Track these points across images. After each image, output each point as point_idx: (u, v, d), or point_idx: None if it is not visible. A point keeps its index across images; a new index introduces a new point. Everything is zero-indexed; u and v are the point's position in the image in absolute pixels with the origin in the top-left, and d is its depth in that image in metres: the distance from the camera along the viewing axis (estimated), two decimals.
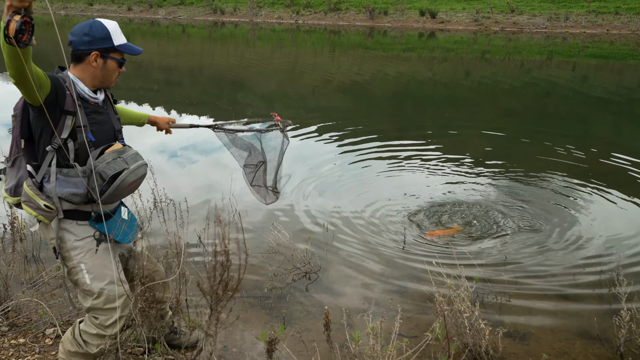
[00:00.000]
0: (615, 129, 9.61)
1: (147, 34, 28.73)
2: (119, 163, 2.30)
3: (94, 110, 2.39)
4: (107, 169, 2.27)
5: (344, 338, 2.80)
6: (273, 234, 4.51)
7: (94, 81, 2.37)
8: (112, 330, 2.46)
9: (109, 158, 2.30)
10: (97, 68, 2.33)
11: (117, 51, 2.38)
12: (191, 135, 8.62)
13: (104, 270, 2.42)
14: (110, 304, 2.43)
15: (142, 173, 2.43)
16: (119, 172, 2.28)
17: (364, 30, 26.74)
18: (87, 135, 2.29)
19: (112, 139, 2.46)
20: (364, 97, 12.76)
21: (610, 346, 3.30)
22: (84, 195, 2.29)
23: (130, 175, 2.32)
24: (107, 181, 2.26)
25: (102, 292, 2.41)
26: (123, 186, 2.31)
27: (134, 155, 2.40)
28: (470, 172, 6.69)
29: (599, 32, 23.04)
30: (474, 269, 4.22)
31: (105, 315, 2.44)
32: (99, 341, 2.46)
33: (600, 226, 5.10)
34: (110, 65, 2.37)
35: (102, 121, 2.41)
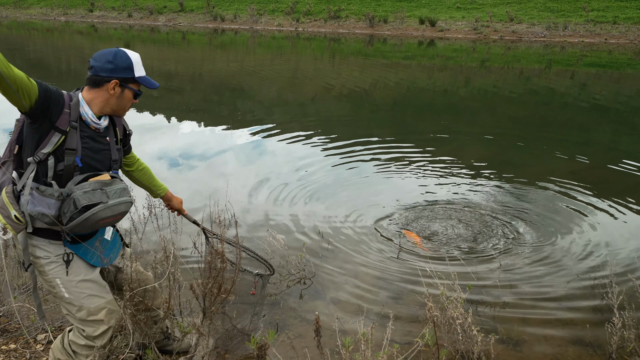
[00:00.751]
0: (614, 137, 9.62)
1: (147, 40, 28.84)
2: (97, 195, 2.24)
3: (91, 135, 2.35)
4: (81, 198, 2.20)
5: (335, 345, 2.80)
6: (268, 240, 4.52)
7: (105, 108, 2.37)
8: (100, 342, 2.43)
9: (88, 187, 2.24)
10: (114, 96, 2.35)
11: (135, 82, 2.40)
12: (188, 142, 8.64)
13: (81, 284, 2.38)
14: (93, 317, 2.39)
15: (122, 210, 2.37)
16: (94, 204, 2.23)
17: (363, 38, 26.83)
18: (75, 159, 2.25)
19: (105, 168, 2.42)
20: (364, 104, 12.79)
21: (603, 353, 3.29)
22: (52, 218, 2.21)
23: (105, 211, 2.26)
24: (78, 210, 2.19)
25: (82, 305, 2.38)
26: (94, 219, 2.23)
27: (119, 190, 2.35)
28: (468, 179, 6.70)
29: (597, 41, 23.12)
30: (468, 275, 4.22)
31: (91, 327, 2.41)
32: (88, 352, 2.44)
33: (595, 234, 5.10)
34: (127, 95, 2.39)
35: (97, 148, 2.37)
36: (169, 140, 8.74)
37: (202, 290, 2.68)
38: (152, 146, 8.28)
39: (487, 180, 6.68)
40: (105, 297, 2.44)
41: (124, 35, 30.84)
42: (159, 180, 3.02)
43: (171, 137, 9.02)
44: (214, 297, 2.65)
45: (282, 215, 5.57)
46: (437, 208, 5.72)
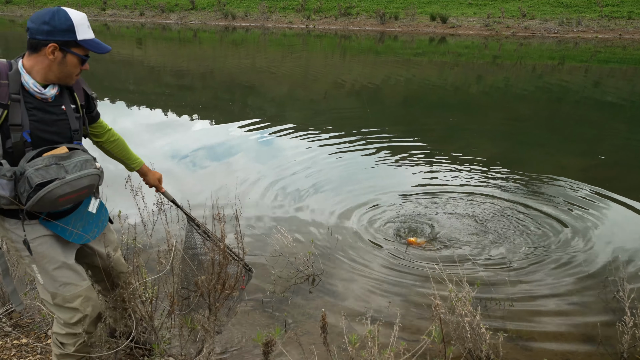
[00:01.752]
0: (627, 134, 9.51)
1: (159, 38, 28.98)
2: (52, 170, 2.06)
3: (39, 106, 2.16)
4: (34, 175, 2.02)
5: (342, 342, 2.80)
6: (276, 237, 4.52)
7: (49, 75, 2.15)
8: (80, 329, 2.38)
9: (41, 163, 2.04)
10: (54, 62, 2.12)
11: (80, 46, 2.15)
12: (199, 139, 8.67)
13: (57, 272, 2.30)
14: (69, 304, 2.33)
15: (85, 184, 2.18)
16: (48, 181, 2.04)
17: (374, 35, 26.74)
18: (22, 134, 2.07)
19: (65, 140, 2.23)
20: (375, 101, 12.74)
21: (614, 352, 3.25)
22: (9, 199, 2.06)
23: (63, 187, 2.07)
24: (33, 188, 2.01)
25: (56, 293, 2.30)
26: (50, 197, 2.06)
27: (79, 163, 2.16)
28: (478, 176, 6.65)
29: (612, 37, 22.84)
30: (477, 273, 4.20)
31: (67, 314, 2.35)
32: (73, 340, 2.40)
33: (607, 232, 5.04)
34: (70, 61, 2.15)
35: (49, 120, 2.18)
36: (180, 137, 8.78)
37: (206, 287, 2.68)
38: (164, 143, 8.32)
39: (497, 177, 6.63)
40: (81, 284, 2.36)
41: (136, 34, 31.02)
42: (135, 153, 2.80)
43: (182, 134, 9.06)
44: (219, 293, 2.65)
45: (291, 211, 5.57)
46: (447, 205, 5.69)
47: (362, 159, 7.55)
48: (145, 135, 8.79)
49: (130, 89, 15.00)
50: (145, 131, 9.08)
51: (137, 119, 10.47)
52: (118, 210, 4.38)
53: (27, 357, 3.03)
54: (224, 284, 2.54)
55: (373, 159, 7.50)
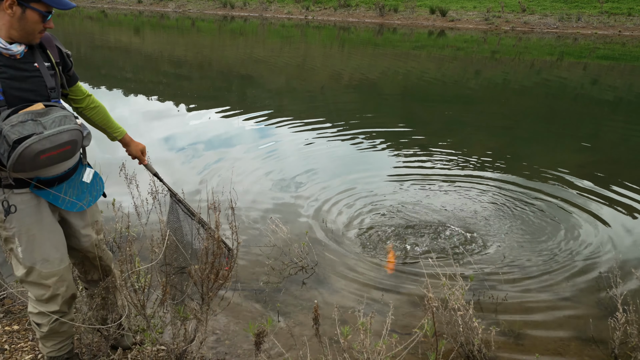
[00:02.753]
0: (625, 131, 9.51)
1: (156, 26, 28.80)
2: (29, 126, 1.99)
3: (8, 63, 2.08)
4: (10, 132, 1.95)
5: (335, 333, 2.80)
6: (271, 227, 4.51)
7: (11, 31, 2.07)
8: (52, 307, 2.35)
9: (16, 120, 1.98)
10: (14, 17, 2.03)
11: (40, 1, 2.06)
12: (196, 129, 8.64)
13: (40, 246, 2.27)
14: (43, 280, 2.29)
15: (65, 140, 2.10)
16: (25, 137, 1.97)
17: (373, 27, 26.65)
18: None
19: (41, 98, 2.17)
20: (373, 94, 12.72)
21: (605, 348, 3.27)
22: None
23: (42, 142, 2.00)
24: (11, 146, 1.95)
25: (33, 267, 2.26)
26: (29, 153, 1.98)
27: (58, 118, 2.09)
28: (474, 170, 6.65)
29: (611, 33, 22.82)
30: (471, 267, 4.20)
31: (38, 290, 2.32)
32: (45, 319, 2.38)
33: (601, 228, 5.05)
34: (30, 17, 2.06)
35: (20, 77, 2.10)
36: (176, 127, 8.74)
37: (199, 276, 2.67)
38: (160, 132, 8.29)
39: (493, 171, 6.62)
40: (60, 265, 2.34)
41: (134, 21, 30.83)
42: (117, 122, 2.73)
43: (179, 124, 9.02)
44: (212, 282, 2.64)
45: (285, 202, 5.57)
46: (442, 199, 5.69)
47: (358, 151, 7.54)
48: (141, 124, 8.75)
49: (127, 77, 14.91)
50: (142, 120, 9.04)
51: (134, 107, 10.42)
52: (112, 198, 4.35)
53: (18, 344, 3.02)
54: (218, 273, 2.53)
55: (369, 151, 7.49)
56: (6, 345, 3.00)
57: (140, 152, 2.85)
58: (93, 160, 2.65)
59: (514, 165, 6.90)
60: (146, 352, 2.95)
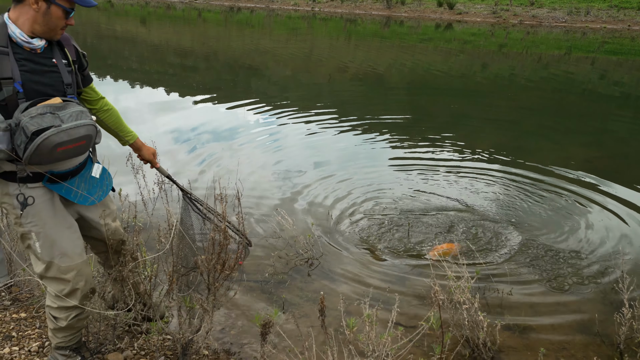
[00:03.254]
0: (633, 125, 9.46)
1: (163, 17, 28.76)
2: (47, 119, 2.02)
3: (29, 57, 2.13)
4: (29, 124, 1.99)
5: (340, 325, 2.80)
6: (277, 219, 4.51)
7: (34, 26, 2.12)
8: (72, 302, 2.37)
9: (35, 112, 2.02)
10: (39, 12, 2.10)
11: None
12: (202, 120, 8.64)
13: (57, 240, 2.28)
14: (62, 275, 2.31)
15: (82, 134, 2.13)
16: (44, 129, 2.01)
17: (380, 20, 26.52)
18: (14, 85, 2.06)
19: (58, 93, 2.21)
20: (379, 87, 12.68)
21: (611, 343, 3.26)
22: (8, 152, 2.04)
23: (59, 135, 2.03)
24: (29, 138, 1.98)
25: (52, 262, 2.28)
26: (47, 145, 2.01)
27: (75, 113, 2.12)
28: (480, 164, 6.63)
29: (620, 28, 22.64)
30: (476, 261, 4.20)
31: (58, 286, 2.34)
32: (65, 313, 2.40)
33: (608, 223, 5.03)
34: (54, 13, 2.12)
35: (40, 70, 2.15)
36: (182, 118, 8.74)
37: (206, 266, 2.68)
38: (166, 123, 8.29)
39: (500, 166, 6.60)
40: (77, 259, 2.35)
41: (140, 12, 30.79)
42: (128, 126, 2.73)
43: (185, 115, 9.01)
44: (218, 273, 2.65)
45: (291, 194, 5.56)
46: (447, 192, 5.67)
47: (364, 143, 7.53)
48: (146, 115, 8.76)
49: (133, 67, 14.91)
50: (147, 110, 9.04)
51: (139, 97, 10.42)
52: (119, 188, 4.37)
53: (25, 331, 3.04)
54: (224, 263, 2.54)
55: (375, 143, 7.47)
56: (14, 333, 3.02)
57: (152, 155, 2.86)
58: (100, 150, 2.65)
59: (519, 159, 6.87)
60: (152, 342, 2.97)
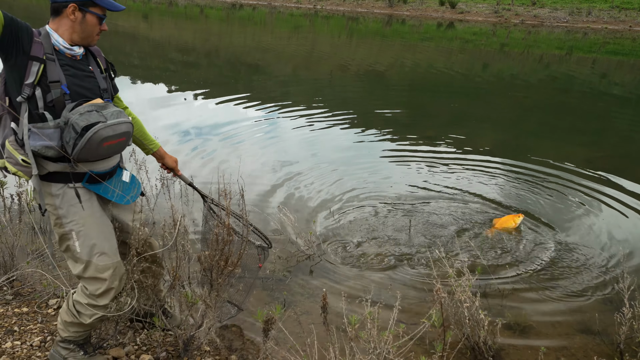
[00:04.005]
0: (632, 126, 9.46)
1: (165, 13, 28.74)
2: (94, 115, 2.20)
3: (71, 63, 2.31)
4: (79, 120, 2.16)
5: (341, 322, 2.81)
6: (279, 216, 4.52)
7: (73, 35, 2.30)
8: (103, 301, 2.43)
9: (83, 110, 2.20)
10: (76, 22, 2.27)
11: (97, 5, 2.30)
12: (203, 117, 8.64)
13: (96, 239, 2.39)
14: (99, 274, 2.39)
15: (123, 130, 2.30)
16: (92, 124, 2.17)
17: (382, 18, 26.50)
18: (61, 87, 2.23)
19: (95, 96, 2.37)
20: (380, 85, 12.68)
21: (611, 342, 3.27)
22: (58, 149, 2.21)
23: (106, 129, 2.20)
24: (79, 133, 2.15)
25: (90, 261, 2.37)
26: (96, 139, 2.18)
27: (115, 112, 2.29)
28: (481, 163, 6.63)
29: (621, 28, 22.63)
30: (477, 260, 4.21)
31: (95, 285, 2.41)
32: (92, 311, 2.46)
33: (609, 223, 5.04)
34: (89, 20, 2.30)
35: (81, 75, 2.34)
36: (183, 115, 8.73)
37: (209, 262, 2.69)
38: (167, 119, 8.28)
39: (500, 165, 6.61)
40: (114, 258, 2.44)
41: (142, 8, 30.75)
42: (151, 136, 2.85)
43: (186, 112, 9.01)
44: (221, 269, 2.66)
45: (292, 191, 5.57)
46: (449, 190, 5.68)
47: (365, 141, 7.53)
48: (148, 111, 8.75)
49: (135, 63, 14.90)
50: (148, 106, 9.02)
51: (141, 93, 10.42)
52: None
53: (27, 326, 3.05)
54: (227, 260, 2.54)
55: (375, 142, 7.48)
56: (15, 327, 3.03)
57: (174, 163, 2.97)
58: None
59: (520, 159, 6.87)
60: (154, 337, 2.98)
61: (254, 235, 3.24)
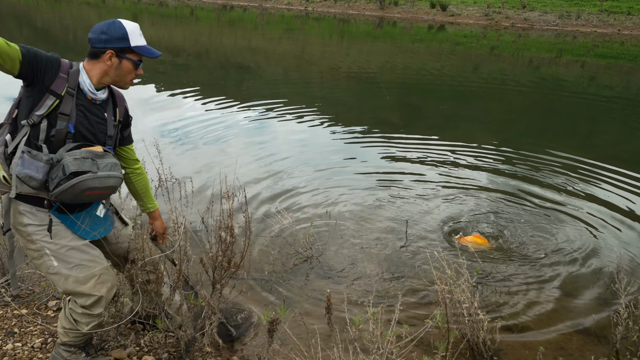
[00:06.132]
0: (620, 128, 9.58)
1: (155, 14, 28.62)
2: (87, 164, 2.21)
3: (87, 106, 2.32)
4: (71, 164, 2.16)
5: (343, 323, 2.83)
6: (276, 218, 4.53)
7: (105, 78, 2.34)
8: (97, 310, 2.44)
9: (79, 155, 2.20)
10: (112, 67, 2.31)
11: (134, 52, 2.34)
12: (194, 119, 8.62)
13: (70, 253, 2.37)
14: (81, 286, 2.38)
15: (111, 184, 2.31)
16: (82, 172, 2.19)
17: (373, 20, 26.59)
18: (67, 125, 2.23)
19: (99, 142, 2.38)
20: (371, 87, 12.72)
21: (607, 342, 3.32)
22: (40, 182, 2.19)
23: (93, 180, 2.21)
24: (66, 176, 2.16)
25: (69, 275, 2.36)
26: (80, 188, 2.19)
27: (110, 164, 2.30)
28: (472, 166, 6.69)
29: (610, 32, 22.90)
30: (476, 261, 4.24)
31: (82, 298, 2.40)
32: (88, 319, 2.46)
33: (602, 224, 5.10)
34: (125, 66, 2.34)
35: (92, 120, 2.34)
36: (174, 117, 8.67)
37: (212, 263, 2.70)
38: (157, 122, 8.24)
39: (491, 168, 6.66)
40: (95, 267, 2.42)
41: (132, 8, 30.60)
42: (152, 196, 2.81)
43: (176, 114, 8.95)
44: (224, 270, 2.67)
45: (289, 193, 5.58)
46: (443, 192, 5.72)
47: (358, 143, 7.55)
48: (136, 113, 8.70)
49: None
50: (137, 109, 8.97)
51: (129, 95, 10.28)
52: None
53: (27, 327, 3.04)
54: (230, 261, 2.55)
55: (369, 143, 7.51)
56: (16, 329, 3.01)
57: (163, 230, 2.88)
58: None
59: (511, 160, 6.94)
60: (155, 339, 2.97)
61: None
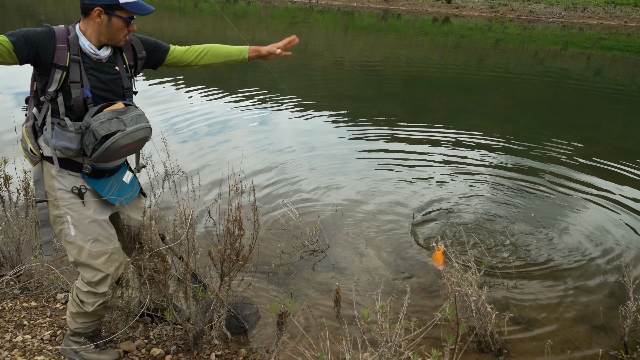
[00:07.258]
0: (626, 121, 9.53)
1: (158, 7, 28.55)
2: (114, 124, 2.24)
3: (96, 67, 2.32)
4: (99, 129, 2.20)
5: (351, 316, 2.84)
6: (283, 211, 4.53)
7: (100, 37, 2.30)
8: (102, 289, 2.46)
9: (104, 117, 2.23)
10: (102, 24, 2.26)
11: (123, 9, 2.27)
12: (197, 113, 8.62)
13: (91, 225, 2.40)
14: (92, 260, 2.40)
15: (141, 136, 2.35)
16: (112, 133, 2.22)
17: (377, 13, 26.48)
18: (83, 91, 2.25)
19: (118, 97, 2.40)
20: (375, 80, 12.68)
21: (615, 336, 3.32)
22: (77, 151, 2.27)
23: (125, 138, 2.25)
24: (98, 140, 2.20)
25: (83, 247, 2.39)
26: (114, 148, 2.24)
27: (135, 116, 2.33)
28: (477, 159, 6.67)
29: (617, 24, 22.75)
30: (483, 254, 4.24)
31: (90, 272, 2.42)
32: (93, 299, 2.47)
33: (609, 217, 5.08)
34: (115, 23, 2.27)
35: (105, 79, 2.33)
36: (177, 111, 8.66)
37: (220, 256, 2.70)
38: (161, 116, 8.24)
39: (496, 159, 6.65)
40: (109, 244, 2.45)
41: None
42: (233, 47, 2.73)
43: (180, 108, 8.93)
44: (232, 263, 2.67)
45: (295, 186, 5.57)
46: (450, 187, 5.71)
47: (363, 135, 7.54)
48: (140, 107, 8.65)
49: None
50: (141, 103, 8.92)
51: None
52: None
53: (37, 320, 3.05)
54: (238, 254, 2.55)
55: (374, 137, 7.49)
56: (25, 321, 3.03)
57: (268, 48, 2.82)
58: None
59: (517, 153, 6.92)
60: (164, 331, 2.99)
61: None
